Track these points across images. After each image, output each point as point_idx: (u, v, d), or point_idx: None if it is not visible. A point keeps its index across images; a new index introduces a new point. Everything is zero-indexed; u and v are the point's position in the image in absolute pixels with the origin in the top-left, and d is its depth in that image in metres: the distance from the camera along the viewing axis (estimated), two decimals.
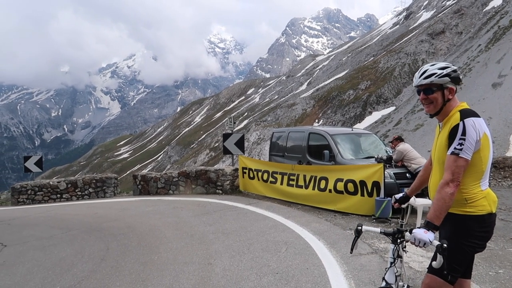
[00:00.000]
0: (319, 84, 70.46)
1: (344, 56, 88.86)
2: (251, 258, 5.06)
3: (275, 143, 11.42)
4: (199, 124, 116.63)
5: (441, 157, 2.41)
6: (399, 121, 36.16)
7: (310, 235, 6.03)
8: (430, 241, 2.14)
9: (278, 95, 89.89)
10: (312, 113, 55.81)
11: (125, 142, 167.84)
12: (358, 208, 7.58)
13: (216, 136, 76.16)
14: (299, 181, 8.88)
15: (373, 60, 63.46)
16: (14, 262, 5.70)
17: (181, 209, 8.93)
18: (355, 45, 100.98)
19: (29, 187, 12.88)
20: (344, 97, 53.81)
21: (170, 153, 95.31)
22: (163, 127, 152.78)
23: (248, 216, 7.70)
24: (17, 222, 9.15)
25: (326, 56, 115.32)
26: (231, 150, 12.33)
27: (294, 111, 58.89)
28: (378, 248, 5.26)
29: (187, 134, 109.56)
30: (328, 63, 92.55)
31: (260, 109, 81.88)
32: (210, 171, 11.46)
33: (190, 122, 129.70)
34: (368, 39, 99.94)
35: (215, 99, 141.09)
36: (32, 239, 7.08)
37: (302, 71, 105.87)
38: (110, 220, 8.38)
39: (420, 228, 2.21)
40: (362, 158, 8.82)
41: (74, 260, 5.52)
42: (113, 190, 13.19)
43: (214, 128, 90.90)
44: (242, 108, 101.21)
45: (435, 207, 2.27)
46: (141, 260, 5.26)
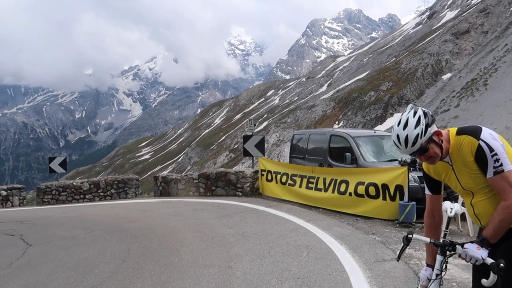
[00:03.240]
0: (340, 86, 69.86)
1: (365, 57, 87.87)
2: (272, 262, 5.00)
3: (296, 145, 11.32)
4: (219, 126, 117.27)
5: (478, 183, 2.25)
6: None
7: (332, 239, 5.93)
8: (482, 258, 2.02)
9: (298, 97, 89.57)
10: (332, 115, 55.35)
11: (146, 143, 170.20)
12: (380, 212, 7.43)
13: (235, 138, 76.41)
14: (319, 184, 8.76)
15: (395, 60, 62.52)
16: (38, 261, 5.80)
17: (201, 211, 8.95)
18: (377, 46, 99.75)
19: (53, 187, 13.15)
20: (365, 98, 53.17)
21: (190, 154, 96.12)
22: (183, 129, 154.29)
23: (269, 219, 7.65)
24: (41, 221, 9.34)
25: (346, 57, 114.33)
26: (251, 152, 12.29)
27: (314, 112, 58.54)
28: (403, 254, 5.12)
29: (207, 136, 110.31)
30: (349, 64, 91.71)
31: (279, 110, 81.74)
32: (230, 173, 11.45)
33: (210, 124, 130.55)
34: (390, 39, 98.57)
35: (235, 100, 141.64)
36: (56, 239, 7.21)
37: (322, 72, 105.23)
38: (131, 221, 8.47)
39: (473, 244, 2.09)
40: (385, 161, 8.64)
41: (96, 260, 5.58)
42: (135, 191, 13.34)
43: (234, 130, 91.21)
44: (261, 110, 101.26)
45: (495, 226, 2.12)
46: (161, 262, 5.27)
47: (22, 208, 12.96)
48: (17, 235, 7.72)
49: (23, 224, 9.03)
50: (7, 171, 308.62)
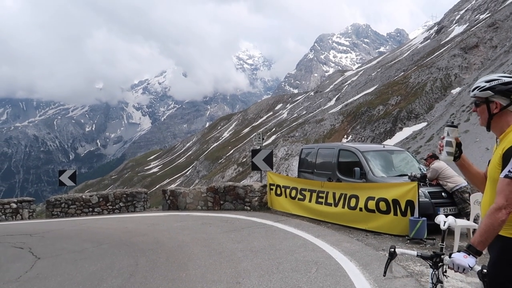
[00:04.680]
0: (348, 100, 69.82)
1: (374, 71, 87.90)
2: (281, 278, 4.94)
3: (304, 160, 11.29)
4: (227, 140, 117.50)
5: (493, 175, 2.25)
6: (431, 137, 35.21)
7: (341, 255, 5.85)
8: (470, 266, 2.00)
9: (306, 111, 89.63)
10: (341, 129, 55.19)
11: (155, 156, 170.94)
12: (391, 227, 7.33)
13: (244, 152, 76.41)
14: (328, 198, 8.70)
15: (404, 75, 62.43)
16: (47, 275, 5.79)
17: (209, 225, 8.91)
18: (385, 60, 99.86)
19: (63, 200, 13.22)
20: (374, 112, 52.99)
21: (199, 168, 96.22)
22: (192, 142, 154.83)
23: (277, 234, 7.59)
24: (50, 234, 9.37)
25: (355, 71, 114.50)
26: (260, 166, 12.28)
27: (323, 126, 58.44)
28: (414, 271, 5.03)
29: (215, 149, 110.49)
30: (357, 79, 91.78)
31: (288, 124, 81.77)
32: (239, 187, 11.43)
33: (219, 137, 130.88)
34: (398, 54, 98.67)
35: (243, 114, 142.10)
36: (65, 252, 7.21)
37: (331, 86, 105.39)
38: (139, 234, 8.45)
39: (460, 252, 2.07)
40: (395, 176, 8.57)
41: (104, 274, 5.56)
42: (143, 205, 13.36)
43: (242, 144, 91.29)
44: (270, 124, 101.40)
45: (481, 231, 2.10)
46: (169, 277, 5.24)
47: (32, 221, 13.03)
48: (26, 248, 7.74)
49: (32, 237, 9.06)
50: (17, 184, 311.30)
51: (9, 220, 13.42)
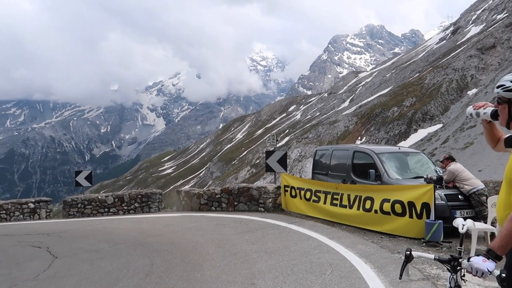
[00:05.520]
0: (362, 101, 69.31)
1: (388, 73, 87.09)
2: (295, 279, 4.93)
3: (319, 161, 11.25)
4: (240, 141, 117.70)
5: (510, 176, 2.22)
6: (446, 139, 34.71)
7: (356, 257, 5.81)
8: (489, 271, 1.97)
9: (319, 112, 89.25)
10: (355, 131, 54.81)
11: (169, 158, 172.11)
12: (406, 230, 7.26)
13: (257, 153, 76.43)
14: (343, 200, 8.66)
15: (419, 76, 61.71)
16: (64, 274, 5.89)
17: (223, 226, 8.94)
18: (400, 61, 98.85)
19: (79, 200, 13.42)
20: (388, 114, 52.49)
21: (212, 169, 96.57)
22: (205, 144, 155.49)
23: (291, 235, 7.57)
24: (67, 234, 9.52)
25: (369, 72, 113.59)
26: (274, 168, 12.27)
27: (336, 128, 58.12)
28: (430, 274, 4.97)
29: (228, 151, 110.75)
30: (371, 80, 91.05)
31: (301, 126, 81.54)
32: (253, 188, 11.44)
33: (232, 139, 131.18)
34: (413, 54, 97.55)
35: (257, 116, 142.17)
36: (81, 252, 7.32)
37: (345, 88, 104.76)
38: (154, 235, 8.53)
39: (479, 256, 2.04)
40: (410, 178, 8.48)
41: (120, 274, 5.63)
42: (158, 205, 13.46)
43: (256, 145, 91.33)
44: (283, 125, 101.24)
45: (502, 236, 2.06)
46: (184, 277, 5.27)
47: (49, 221, 13.25)
48: (44, 247, 7.88)
49: (50, 237, 9.22)
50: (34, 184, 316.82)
51: (27, 220, 13.68)
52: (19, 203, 13.97)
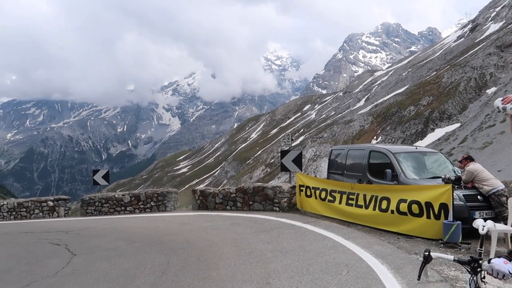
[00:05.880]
0: (378, 100, 68.61)
1: (404, 71, 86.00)
2: (311, 279, 4.92)
3: (334, 161, 11.18)
4: (255, 140, 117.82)
5: None
6: (464, 139, 34.12)
7: (372, 258, 5.76)
8: (510, 273, 1.95)
9: (334, 112, 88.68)
10: (370, 130, 54.30)
11: (184, 157, 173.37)
12: (423, 231, 7.16)
13: (272, 152, 76.40)
14: (359, 200, 8.58)
15: (436, 74, 60.78)
16: (82, 271, 5.99)
17: (238, 226, 8.97)
18: (416, 60, 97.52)
19: (96, 199, 13.63)
20: (404, 113, 51.85)
21: (227, 168, 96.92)
22: (220, 143, 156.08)
23: (307, 235, 7.55)
24: (85, 232, 9.68)
25: (385, 71, 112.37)
26: (289, 167, 12.25)
27: (351, 127, 57.68)
28: (448, 275, 4.90)
29: (243, 150, 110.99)
30: (387, 79, 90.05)
31: (316, 125, 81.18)
32: (268, 188, 11.44)
33: (247, 138, 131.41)
34: (430, 53, 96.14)
35: (271, 115, 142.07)
36: (99, 250, 7.44)
37: (360, 87, 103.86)
38: (170, 234, 8.61)
39: (500, 258, 2.02)
40: (427, 178, 8.36)
41: (136, 272, 5.70)
42: (173, 204, 13.57)
43: (270, 144, 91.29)
44: (298, 125, 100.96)
45: None
46: (200, 276, 5.31)
47: (67, 219, 13.50)
48: (63, 245, 8.03)
49: (68, 234, 9.39)
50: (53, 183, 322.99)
51: (46, 218, 13.96)
52: (39, 201, 14.27)
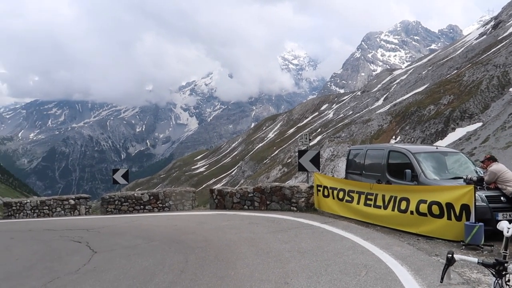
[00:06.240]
0: (397, 99, 67.69)
1: (424, 70, 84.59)
2: (329, 280, 4.89)
3: (352, 161, 11.08)
4: (272, 140, 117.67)
5: None
6: (486, 138, 33.34)
7: (392, 259, 5.69)
8: None
9: (352, 111, 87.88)
10: (389, 130, 53.59)
11: (202, 156, 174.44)
12: (444, 232, 7.03)
13: (289, 152, 76.19)
14: (378, 201, 8.48)
15: (457, 73, 59.60)
16: (103, 268, 6.10)
17: (256, 225, 8.98)
18: (436, 58, 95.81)
19: (116, 198, 13.84)
20: (424, 112, 50.99)
21: (244, 168, 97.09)
22: (237, 143, 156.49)
23: (325, 236, 7.51)
24: (105, 230, 9.84)
25: (404, 70, 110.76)
26: (306, 167, 12.20)
27: (370, 127, 57.05)
28: (470, 278, 4.81)
29: (260, 150, 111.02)
30: (407, 77, 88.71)
31: (333, 125, 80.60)
32: (285, 187, 11.41)
33: (264, 138, 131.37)
34: (451, 51, 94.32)
35: (288, 115, 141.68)
36: (118, 247, 7.55)
37: (378, 86, 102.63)
38: (188, 232, 8.68)
39: None
40: (448, 179, 8.21)
41: (156, 270, 5.77)
42: (191, 203, 13.69)
43: (287, 144, 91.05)
44: (315, 124, 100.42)
45: None
46: (218, 275, 5.34)
47: (88, 217, 13.75)
48: (84, 242, 8.19)
49: (89, 232, 9.56)
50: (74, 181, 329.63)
51: (68, 215, 14.26)
52: (61, 199, 14.59)
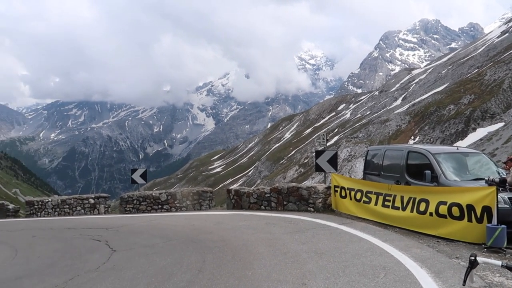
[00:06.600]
0: (416, 99, 66.70)
1: (444, 69, 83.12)
2: (347, 281, 4.85)
3: (370, 162, 10.96)
4: (288, 140, 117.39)
5: None
6: (509, 139, 32.58)
7: (411, 261, 5.61)
8: None
9: (370, 111, 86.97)
10: (408, 130, 52.84)
11: (218, 156, 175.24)
12: (464, 234, 6.89)
13: (305, 152, 75.88)
14: (396, 202, 8.37)
15: (478, 72, 58.39)
16: (122, 267, 6.19)
17: (273, 225, 8.97)
18: (457, 57, 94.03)
19: (135, 197, 14.02)
20: (444, 112, 50.11)
21: (260, 168, 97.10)
22: (254, 143, 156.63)
23: (342, 237, 7.45)
24: (124, 229, 9.98)
25: (423, 69, 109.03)
26: (324, 168, 12.13)
27: (388, 127, 56.37)
28: (493, 281, 4.69)
29: (277, 150, 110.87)
30: (426, 77, 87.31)
31: (351, 125, 79.92)
32: (302, 188, 11.37)
33: (280, 138, 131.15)
34: (472, 49, 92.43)
35: (305, 115, 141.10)
36: (137, 246, 7.65)
37: (397, 85, 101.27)
38: (205, 232, 8.73)
39: None
40: (469, 180, 8.05)
41: (174, 269, 5.82)
42: (209, 203, 13.76)
43: (304, 144, 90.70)
44: (332, 124, 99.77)
45: None
46: (236, 275, 5.35)
47: (107, 216, 13.96)
48: (103, 241, 8.33)
49: (108, 231, 9.71)
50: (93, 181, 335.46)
51: (88, 214, 14.51)
52: (81, 198, 14.86)
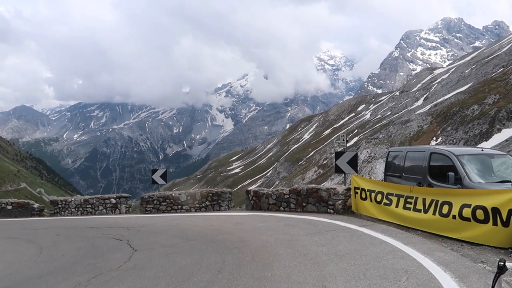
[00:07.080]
0: (438, 99, 65.43)
1: (467, 68, 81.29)
2: (368, 285, 4.79)
3: (392, 163, 10.80)
4: (307, 141, 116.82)
5: None
6: None
7: (434, 265, 5.49)
8: None
9: (390, 112, 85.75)
10: (429, 131, 51.86)
11: (237, 157, 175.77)
12: (489, 238, 6.70)
13: (324, 154, 75.36)
14: (418, 204, 8.21)
15: (503, 71, 56.88)
16: (143, 266, 6.27)
17: (292, 227, 8.93)
18: (481, 56, 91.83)
19: (155, 197, 14.19)
20: (467, 112, 49.00)
21: (279, 169, 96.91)
22: (272, 144, 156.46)
23: (363, 239, 7.36)
24: (145, 229, 10.11)
25: (445, 69, 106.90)
26: (344, 169, 12.02)
27: (409, 128, 55.45)
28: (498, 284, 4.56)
29: (295, 151, 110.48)
30: (448, 76, 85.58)
31: (371, 126, 78.96)
32: (322, 189, 11.28)
33: (299, 139, 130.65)
34: (497, 48, 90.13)
35: (324, 116, 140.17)
36: (157, 246, 7.73)
37: (418, 85, 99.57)
38: (225, 233, 8.76)
39: None
40: (495, 182, 7.84)
41: (194, 269, 5.86)
42: (228, 204, 13.81)
43: (323, 145, 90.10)
44: (352, 125, 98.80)
45: None
46: (255, 276, 5.35)
47: (128, 215, 14.17)
48: (124, 240, 8.45)
49: (129, 231, 9.85)
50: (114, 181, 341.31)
51: (109, 214, 14.76)
52: (103, 198, 15.13)
